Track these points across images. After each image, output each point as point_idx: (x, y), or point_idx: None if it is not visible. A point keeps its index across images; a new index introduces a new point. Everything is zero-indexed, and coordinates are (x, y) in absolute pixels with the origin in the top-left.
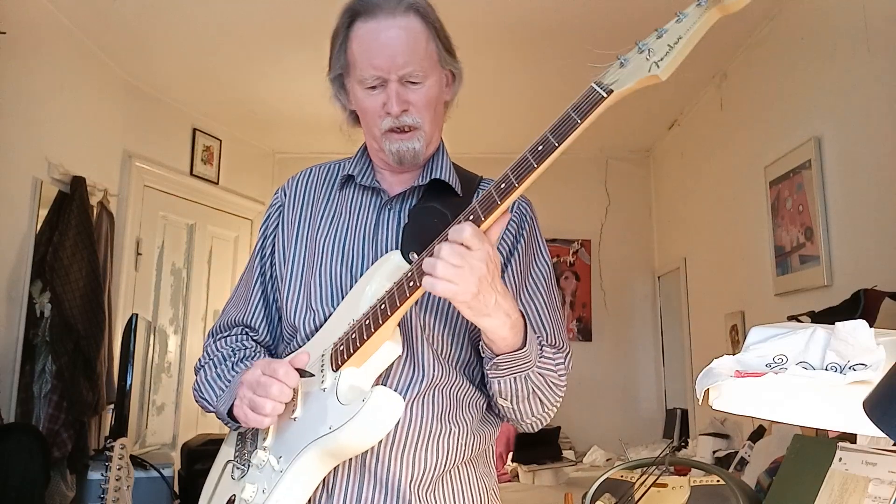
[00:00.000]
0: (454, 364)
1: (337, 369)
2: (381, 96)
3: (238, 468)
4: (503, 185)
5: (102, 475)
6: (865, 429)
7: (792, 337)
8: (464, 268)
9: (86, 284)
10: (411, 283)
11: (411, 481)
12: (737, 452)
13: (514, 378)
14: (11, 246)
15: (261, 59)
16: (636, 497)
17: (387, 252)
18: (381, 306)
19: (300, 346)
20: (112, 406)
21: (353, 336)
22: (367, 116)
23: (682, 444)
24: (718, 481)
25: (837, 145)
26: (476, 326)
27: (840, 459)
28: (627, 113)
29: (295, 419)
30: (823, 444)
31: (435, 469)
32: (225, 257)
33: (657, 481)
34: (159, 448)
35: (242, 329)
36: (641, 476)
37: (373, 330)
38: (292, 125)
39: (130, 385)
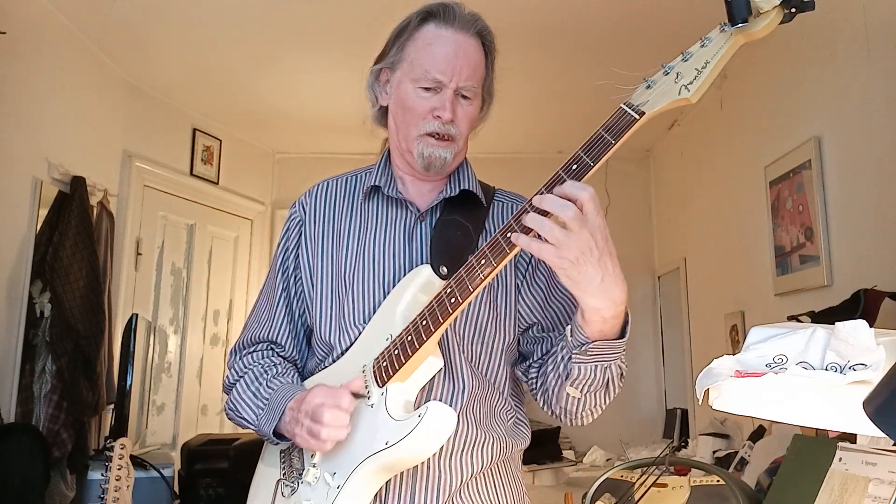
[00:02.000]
0: (487, 376)
1: (383, 385)
2: (432, 100)
3: (288, 485)
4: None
5: (102, 475)
6: (865, 429)
7: (792, 337)
8: (573, 232)
9: (86, 284)
10: (453, 300)
11: (460, 485)
12: (737, 452)
13: (597, 366)
14: (11, 246)
15: (261, 59)
16: (636, 497)
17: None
18: (422, 322)
19: (335, 363)
20: (112, 406)
21: (396, 352)
22: (410, 114)
23: (682, 444)
24: (718, 481)
25: (837, 145)
26: (510, 343)
27: (840, 459)
28: None
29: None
30: (823, 444)
31: (477, 472)
32: (225, 257)
33: (657, 481)
34: (159, 448)
35: (268, 345)
36: (641, 476)
37: (417, 346)
38: (292, 125)
39: (130, 385)
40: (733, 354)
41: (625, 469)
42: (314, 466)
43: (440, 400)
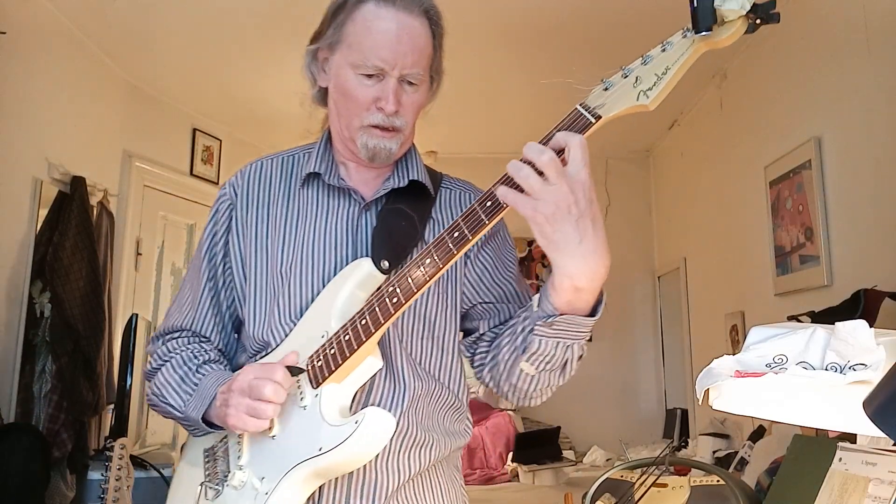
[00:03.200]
0: (432, 371)
1: (317, 386)
2: (374, 89)
3: (212, 489)
4: (489, 204)
5: (102, 475)
6: (865, 429)
7: (792, 337)
8: (550, 184)
9: (86, 284)
10: (395, 300)
11: (397, 487)
12: (737, 452)
13: (559, 343)
14: (11, 246)
15: (261, 58)
16: (636, 497)
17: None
18: (361, 321)
19: (264, 358)
20: (112, 406)
21: (333, 352)
22: (352, 104)
23: (682, 444)
24: (718, 481)
25: (837, 145)
26: (454, 331)
27: (840, 459)
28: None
29: (273, 437)
30: (823, 444)
31: (416, 473)
32: None
33: (657, 481)
34: (159, 448)
35: (192, 333)
36: (641, 476)
37: (355, 346)
38: (292, 125)
39: (130, 385)
40: (733, 354)
41: (625, 469)
42: (241, 469)
43: (380, 401)
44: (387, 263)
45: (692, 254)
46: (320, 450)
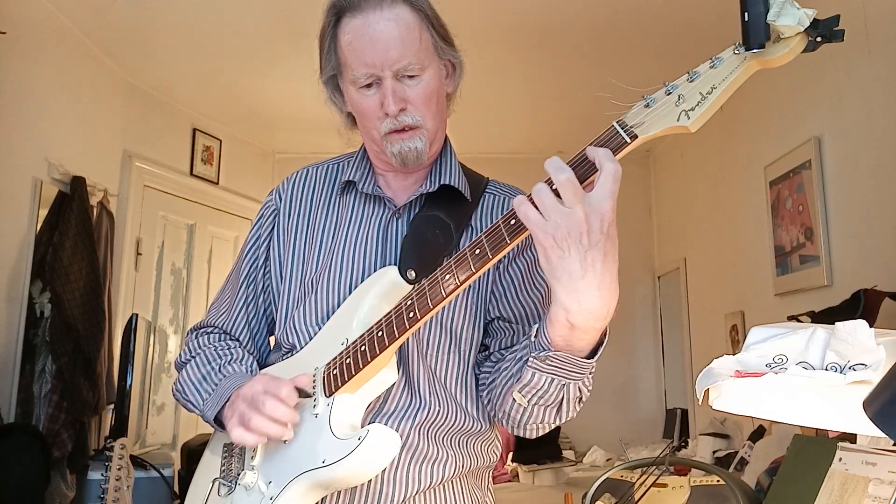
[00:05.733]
0: (451, 390)
1: (330, 395)
2: (377, 96)
3: (225, 485)
4: (513, 222)
5: (102, 475)
6: (865, 429)
7: (792, 337)
8: (566, 207)
9: (86, 284)
10: (411, 314)
11: (404, 499)
12: (737, 452)
13: (553, 380)
14: (11, 246)
15: (261, 59)
16: (636, 497)
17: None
18: (377, 333)
19: (286, 360)
20: (112, 406)
21: (348, 361)
22: (364, 119)
23: (682, 444)
24: (718, 481)
25: (837, 145)
26: (478, 345)
27: (840, 459)
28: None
29: (286, 442)
30: (823, 444)
31: (427, 487)
32: (225, 257)
33: (657, 481)
34: (159, 448)
35: (224, 331)
36: (641, 476)
37: (369, 358)
38: (292, 125)
39: (130, 385)
40: (733, 354)
41: (625, 469)
42: (252, 470)
43: (393, 412)
44: (413, 273)
45: (692, 254)
46: (323, 462)
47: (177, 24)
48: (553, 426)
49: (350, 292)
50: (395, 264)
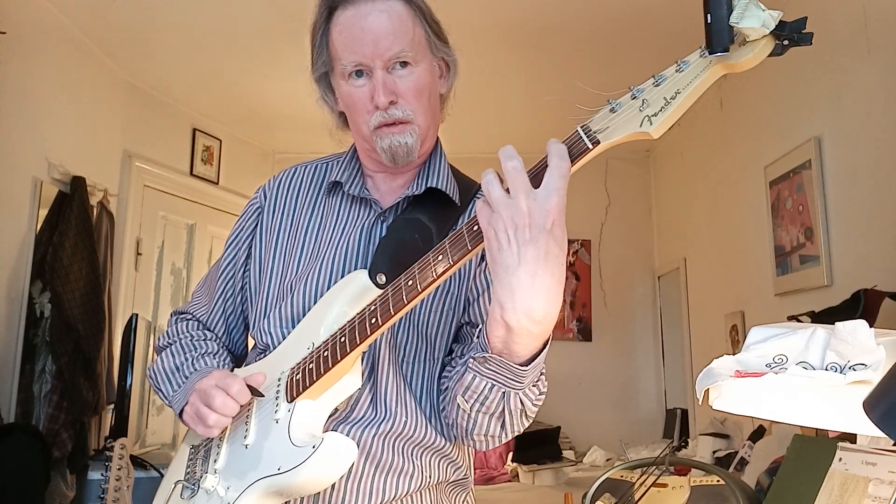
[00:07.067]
0: (420, 394)
1: (292, 400)
2: (366, 88)
3: (188, 488)
4: (476, 228)
5: (102, 475)
6: (865, 429)
7: (792, 337)
8: (510, 197)
9: (86, 284)
10: (374, 321)
11: None
12: (737, 452)
13: (493, 385)
14: (11, 246)
15: (261, 59)
16: (636, 497)
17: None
18: (340, 338)
19: (255, 362)
20: (112, 406)
21: (311, 366)
22: (353, 113)
23: (682, 444)
24: (718, 481)
25: (837, 145)
26: (448, 340)
27: (840, 459)
28: None
29: (247, 446)
30: (823, 444)
31: (393, 499)
32: None
33: (657, 481)
34: (159, 448)
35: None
36: (641, 476)
37: (330, 364)
38: (292, 125)
39: (130, 385)
40: (733, 354)
41: (625, 469)
42: (214, 473)
43: (356, 423)
44: (384, 277)
45: (692, 254)
46: (279, 469)
47: (177, 24)
48: (502, 440)
49: (322, 295)
50: (364, 268)
